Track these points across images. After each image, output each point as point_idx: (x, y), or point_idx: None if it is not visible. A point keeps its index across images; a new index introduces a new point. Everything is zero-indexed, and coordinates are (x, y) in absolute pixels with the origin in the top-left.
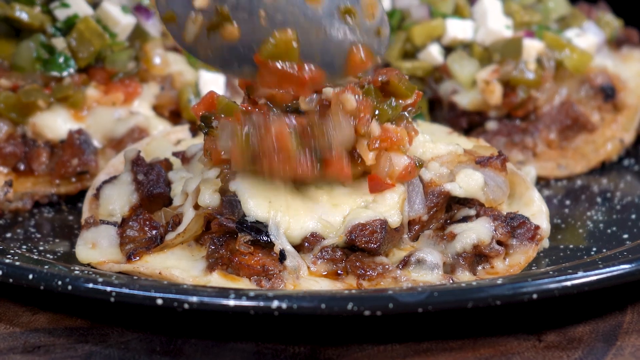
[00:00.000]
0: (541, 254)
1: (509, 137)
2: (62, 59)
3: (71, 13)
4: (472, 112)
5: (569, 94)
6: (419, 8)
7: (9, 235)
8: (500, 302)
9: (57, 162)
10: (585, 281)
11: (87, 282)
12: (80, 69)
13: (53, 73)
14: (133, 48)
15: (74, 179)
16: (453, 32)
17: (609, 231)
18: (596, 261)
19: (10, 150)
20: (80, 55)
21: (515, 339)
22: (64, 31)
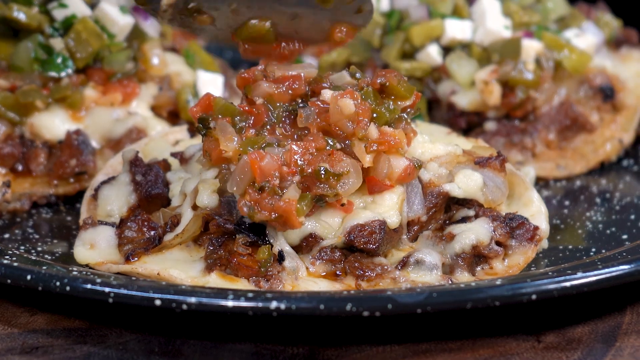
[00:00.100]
0: (540, 255)
1: (507, 138)
2: (60, 59)
3: (69, 13)
4: (471, 113)
5: (568, 95)
6: (417, 8)
7: (7, 236)
8: (499, 303)
9: (55, 163)
10: (585, 282)
11: (86, 283)
12: (78, 70)
13: (51, 73)
14: (131, 48)
15: (72, 180)
16: (452, 33)
17: (608, 232)
18: (595, 262)
19: (8, 150)
20: (78, 55)
21: (515, 339)
22: (61, 31)
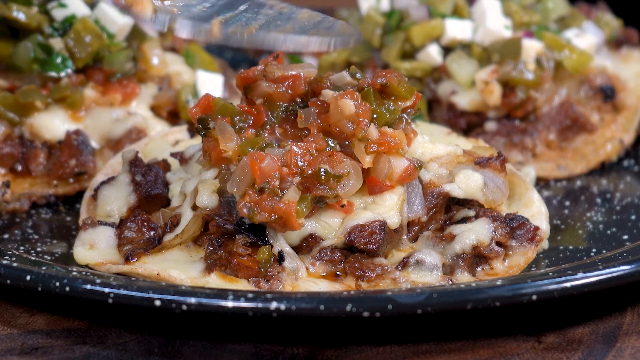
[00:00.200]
0: (541, 255)
1: (508, 138)
2: (60, 59)
3: (69, 13)
4: (471, 113)
5: (568, 95)
6: (417, 8)
7: (6, 236)
8: (500, 304)
9: (55, 163)
10: (585, 282)
11: (85, 284)
12: (77, 70)
13: (51, 73)
14: (131, 48)
15: (71, 180)
16: (452, 33)
17: (609, 232)
18: (596, 262)
19: (8, 151)
20: (77, 55)
21: (515, 340)
22: (61, 31)
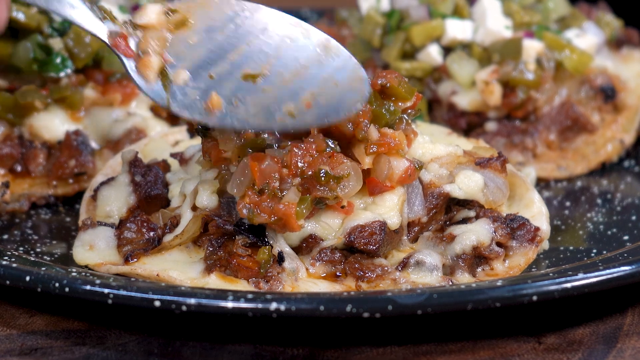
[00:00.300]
0: (541, 256)
1: (508, 138)
2: (59, 59)
3: None
4: (472, 113)
5: (569, 95)
6: (418, 8)
7: (5, 236)
8: (500, 304)
9: (54, 164)
10: (586, 283)
11: (85, 284)
12: (77, 70)
13: (50, 74)
14: None
15: (71, 180)
16: (452, 33)
17: (609, 233)
18: (596, 263)
19: (7, 151)
20: (77, 55)
21: (515, 341)
22: (61, 32)
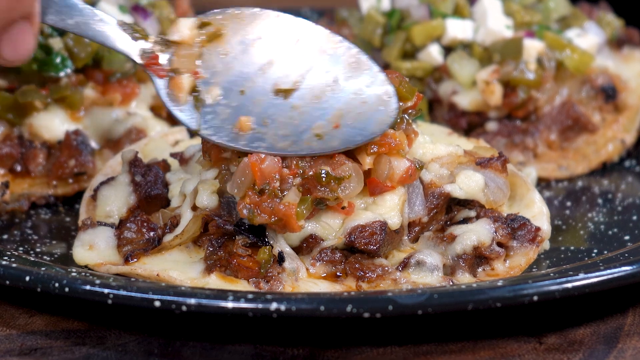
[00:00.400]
0: (542, 256)
1: (509, 138)
2: (59, 59)
3: None
4: (472, 113)
5: (569, 95)
6: (418, 8)
7: (5, 236)
8: (501, 304)
9: (54, 163)
10: (586, 283)
11: (85, 284)
12: (77, 70)
13: (50, 73)
14: None
15: (71, 180)
16: (453, 32)
17: (610, 233)
18: (597, 263)
19: (7, 151)
20: (77, 55)
21: (516, 341)
22: (60, 31)
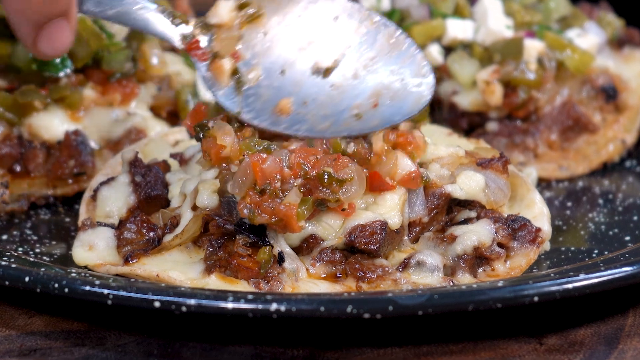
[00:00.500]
0: (542, 257)
1: (509, 138)
2: (59, 59)
3: None
4: (473, 113)
5: (570, 95)
6: (418, 8)
7: (4, 237)
8: (501, 305)
9: (54, 163)
10: (587, 284)
11: (84, 285)
12: (77, 70)
13: (50, 73)
14: (130, 48)
15: (70, 181)
16: (453, 32)
17: (611, 233)
18: (598, 263)
19: (7, 151)
20: (77, 55)
21: (516, 342)
22: None
